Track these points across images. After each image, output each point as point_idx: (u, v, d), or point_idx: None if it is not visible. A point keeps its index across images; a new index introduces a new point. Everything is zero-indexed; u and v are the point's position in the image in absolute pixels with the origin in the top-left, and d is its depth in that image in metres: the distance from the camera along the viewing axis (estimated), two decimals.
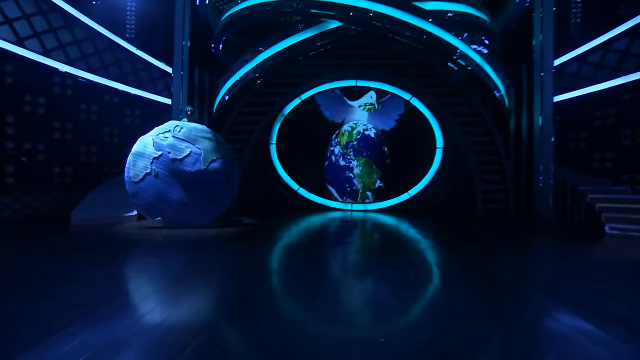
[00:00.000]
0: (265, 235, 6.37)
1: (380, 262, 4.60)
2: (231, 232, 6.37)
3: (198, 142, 6.67)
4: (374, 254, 5.33)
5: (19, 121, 8.99)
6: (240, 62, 9.36)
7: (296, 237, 6.61)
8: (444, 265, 4.42)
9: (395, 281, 3.58)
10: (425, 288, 3.48)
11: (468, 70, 8.69)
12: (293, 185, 10.38)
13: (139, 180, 6.39)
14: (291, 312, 2.83)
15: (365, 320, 2.64)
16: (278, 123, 10.32)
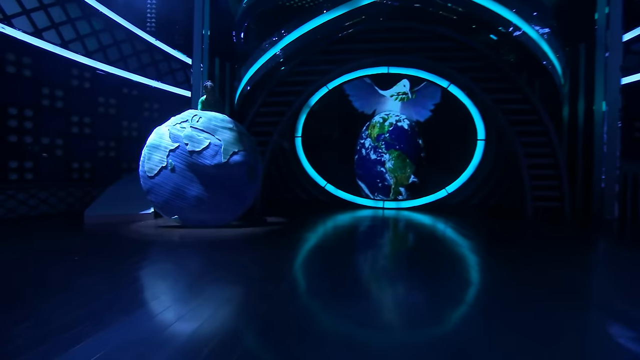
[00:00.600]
0: (291, 237, 5.67)
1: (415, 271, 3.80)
2: (254, 232, 5.71)
3: (218, 132, 6.04)
4: (408, 261, 4.49)
5: (37, 115, 8.67)
6: (262, 49, 8.69)
7: (324, 238, 5.89)
8: (489, 279, 3.58)
9: (438, 299, 2.79)
10: (466, 304, 2.67)
11: (520, 49, 7.67)
12: (320, 181, 9.66)
13: (155, 175, 5.82)
14: (329, 336, 2.09)
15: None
16: (304, 114, 9.61)
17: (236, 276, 3.45)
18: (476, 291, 3.12)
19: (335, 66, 9.09)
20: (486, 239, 5.79)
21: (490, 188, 9.12)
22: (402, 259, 4.45)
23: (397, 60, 9.15)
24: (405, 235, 6.30)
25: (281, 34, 8.55)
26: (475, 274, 3.67)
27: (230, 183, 5.97)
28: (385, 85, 9.71)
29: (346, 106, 9.70)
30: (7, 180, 8.23)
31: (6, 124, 8.17)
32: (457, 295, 2.91)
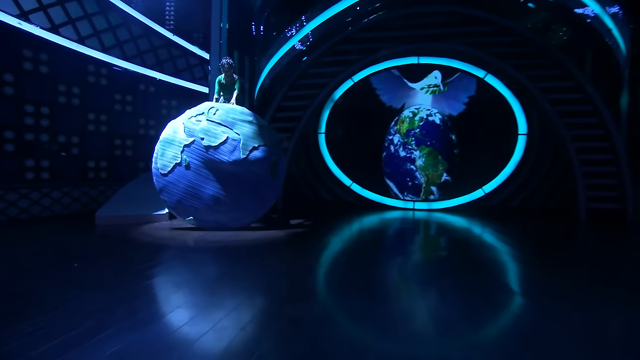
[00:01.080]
0: (315, 242, 5.06)
1: (452, 284, 3.09)
2: (276, 236, 5.12)
3: (237, 126, 5.50)
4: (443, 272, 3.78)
5: (53, 113, 8.41)
6: (282, 39, 8.13)
7: (350, 244, 5.24)
8: (537, 299, 2.85)
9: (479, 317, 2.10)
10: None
11: (578, 27, 6.78)
12: (345, 180, 9.01)
13: (168, 172, 5.33)
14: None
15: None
16: (327, 109, 8.99)
17: (258, 291, 2.87)
18: (521, 312, 2.42)
19: (362, 56, 8.43)
20: (531, 247, 5.01)
21: (534, 188, 8.25)
22: (436, 269, 3.75)
23: (428, 48, 8.41)
24: (438, 240, 5.58)
25: (302, 22, 7.96)
26: (519, 291, 2.96)
27: (250, 181, 5.42)
28: (415, 77, 9.00)
29: (373, 100, 9.04)
30: (23, 180, 7.98)
31: (23, 121, 7.94)
32: (499, 316, 2.24)
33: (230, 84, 5.99)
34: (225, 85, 5.99)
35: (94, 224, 5.89)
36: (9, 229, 5.61)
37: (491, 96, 8.40)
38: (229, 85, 5.99)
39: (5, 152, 7.69)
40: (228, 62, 6.03)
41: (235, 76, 6.08)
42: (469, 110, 8.76)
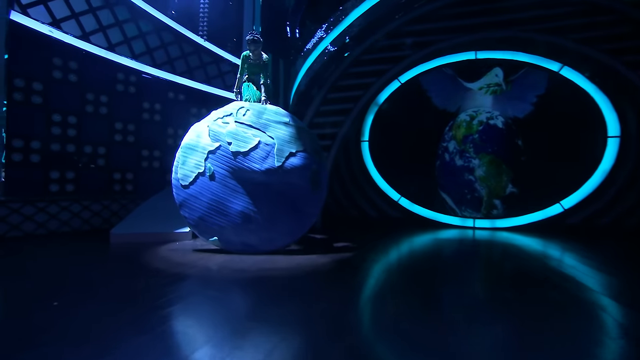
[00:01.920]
0: (362, 272, 3.99)
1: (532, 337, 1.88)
2: (317, 263, 4.09)
3: (270, 128, 4.60)
4: (518, 319, 2.55)
5: (80, 122, 7.97)
6: (319, 36, 7.24)
7: (403, 275, 4.06)
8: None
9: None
10: None
11: None
12: (392, 194, 7.88)
13: (189, 184, 4.49)
14: None
15: None
16: (371, 114, 7.96)
17: (300, 350, 1.84)
18: None
19: (412, 51, 7.37)
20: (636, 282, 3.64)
21: (633, 202, 6.71)
22: (509, 313, 2.53)
23: (489, 39, 7.21)
24: (504, 270, 4.30)
25: (341, 16, 7.03)
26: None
27: (286, 194, 4.46)
28: (472, 76, 7.80)
29: (423, 103, 7.91)
30: (48, 192, 7.52)
31: (50, 131, 7.53)
32: None
33: (258, 66, 5.15)
34: (253, 66, 5.15)
35: (106, 243, 5.15)
36: (19, 246, 4.95)
37: (568, 93, 7.05)
38: (258, 67, 5.15)
39: (31, 163, 7.28)
40: (254, 37, 5.03)
41: (265, 55, 5.18)
42: (539, 110, 7.42)
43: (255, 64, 5.13)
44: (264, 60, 5.16)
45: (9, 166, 6.89)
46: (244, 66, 5.22)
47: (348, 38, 7.22)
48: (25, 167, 7.13)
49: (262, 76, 5.16)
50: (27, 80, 7.23)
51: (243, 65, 5.23)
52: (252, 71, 5.16)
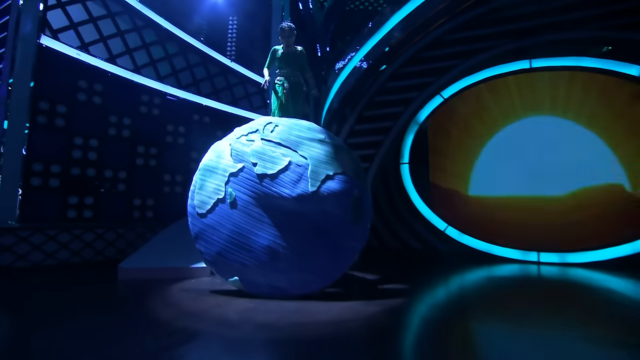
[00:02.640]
0: (422, 328, 3.05)
1: None
2: (362, 314, 3.20)
3: (303, 146, 3.87)
4: None
5: (101, 145, 7.62)
6: (354, 46, 6.59)
7: (467, 330, 3.09)
8: None
9: None
10: None
11: None
12: (438, 222, 6.91)
13: (207, 212, 3.78)
14: None
15: None
16: (411, 134, 7.15)
17: None
18: None
19: (454, 62, 6.58)
20: None
21: None
22: None
23: (549, 42, 6.31)
24: (591, 330, 3.21)
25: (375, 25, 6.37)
26: None
27: (323, 226, 3.66)
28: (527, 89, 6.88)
29: (471, 118, 7.04)
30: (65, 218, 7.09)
31: (70, 155, 7.19)
32: None
33: (293, 56, 4.59)
34: (287, 57, 4.59)
35: (113, 279, 4.48)
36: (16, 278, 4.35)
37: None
38: (292, 57, 4.59)
39: (50, 187, 6.91)
40: (290, 25, 4.59)
41: (300, 48, 4.64)
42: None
43: (288, 52, 4.59)
44: (299, 50, 4.61)
45: (26, 190, 6.53)
46: (273, 61, 4.68)
47: (384, 52, 6.54)
48: (43, 191, 6.76)
49: (300, 71, 4.65)
50: (52, 103, 6.98)
51: (272, 59, 4.67)
52: (287, 62, 4.61)
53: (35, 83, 6.76)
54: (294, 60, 4.60)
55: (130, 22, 8.56)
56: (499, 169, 6.71)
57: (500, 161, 6.74)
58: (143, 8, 8.72)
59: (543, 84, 6.45)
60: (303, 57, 4.68)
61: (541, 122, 6.47)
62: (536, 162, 6.42)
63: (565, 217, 6.02)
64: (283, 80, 4.58)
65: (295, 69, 4.62)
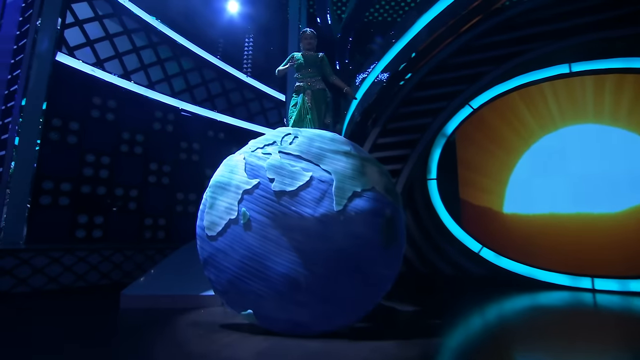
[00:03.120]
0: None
1: None
2: (393, 357, 2.64)
3: (326, 160, 3.42)
4: None
5: (113, 163, 7.39)
6: (376, 55, 6.18)
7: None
8: None
9: None
10: None
11: None
12: (471, 243, 6.29)
13: (218, 234, 3.34)
14: None
15: None
16: (438, 147, 6.63)
17: None
18: None
19: (484, 68, 6.09)
20: None
21: None
22: None
23: (594, 42, 5.74)
24: None
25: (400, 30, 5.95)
26: None
27: (350, 250, 3.16)
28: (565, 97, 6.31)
29: (504, 128, 6.49)
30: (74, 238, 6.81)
31: (82, 172, 6.97)
32: None
33: (313, 59, 4.25)
34: (307, 60, 4.25)
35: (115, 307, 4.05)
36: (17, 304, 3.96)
37: None
38: (312, 61, 4.25)
39: (59, 206, 6.67)
40: (311, 30, 4.39)
41: (321, 53, 4.32)
42: None
43: (308, 56, 4.26)
44: (319, 55, 4.28)
45: (35, 209, 6.28)
46: (288, 63, 4.37)
47: (408, 59, 6.10)
48: (53, 210, 6.51)
49: (321, 76, 4.31)
50: (65, 119, 6.81)
51: (287, 62, 4.38)
52: (307, 65, 4.25)
53: (49, 100, 6.62)
54: (314, 64, 4.23)
55: (145, 38, 8.46)
56: (537, 184, 6.09)
57: (538, 175, 6.13)
58: (159, 25, 8.63)
59: (585, 89, 5.88)
60: (324, 61, 4.31)
61: (584, 131, 5.87)
62: (581, 175, 5.78)
63: (625, 237, 5.31)
64: (303, 86, 4.19)
65: (316, 73, 4.23)
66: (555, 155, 5.97)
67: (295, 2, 9.42)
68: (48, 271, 5.11)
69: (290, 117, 4.26)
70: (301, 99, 4.21)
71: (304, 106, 4.18)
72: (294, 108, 4.26)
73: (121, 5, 8.18)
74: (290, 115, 4.27)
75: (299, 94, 4.27)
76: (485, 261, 6.11)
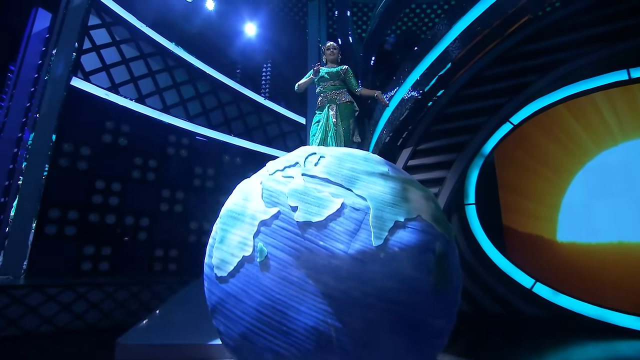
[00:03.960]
0: None
1: None
2: None
3: (360, 183, 2.82)
4: None
5: (124, 189, 7.00)
6: (403, 69, 5.66)
7: None
8: None
9: None
10: None
11: None
12: (521, 278, 5.45)
13: (229, 275, 2.74)
14: None
15: None
16: (476, 169, 5.95)
17: None
18: None
19: (535, 76, 5.45)
20: None
21: None
22: None
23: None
24: None
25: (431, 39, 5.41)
26: None
27: (393, 297, 2.48)
28: None
29: (550, 146, 5.77)
30: (79, 271, 6.34)
31: (90, 199, 6.59)
32: None
33: (337, 71, 3.83)
34: (330, 72, 3.83)
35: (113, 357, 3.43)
36: None
37: None
38: (335, 72, 3.83)
39: (65, 236, 6.26)
40: (334, 45, 4.00)
41: (345, 66, 3.87)
42: None
43: (332, 69, 3.84)
44: (343, 68, 3.84)
45: (39, 240, 5.87)
46: (309, 78, 3.93)
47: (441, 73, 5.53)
48: (58, 241, 6.09)
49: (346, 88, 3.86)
50: (76, 144, 6.51)
51: (309, 75, 3.93)
52: (330, 77, 3.82)
53: (60, 125, 6.36)
54: (339, 76, 3.78)
55: (161, 62, 8.27)
56: (598, 208, 5.28)
57: (598, 197, 5.32)
58: (175, 48, 8.45)
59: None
60: (349, 73, 3.85)
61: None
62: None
63: None
64: (327, 100, 3.68)
65: (341, 86, 3.77)
66: (618, 174, 5.19)
67: (314, 23, 9.17)
68: (43, 310, 4.58)
69: (313, 135, 3.72)
70: (325, 114, 3.69)
71: (329, 122, 3.65)
72: (316, 125, 3.73)
73: (138, 31, 8.05)
74: (313, 134, 3.73)
75: (322, 109, 3.77)
76: (541, 299, 5.23)
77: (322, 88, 3.80)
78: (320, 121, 3.69)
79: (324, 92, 3.79)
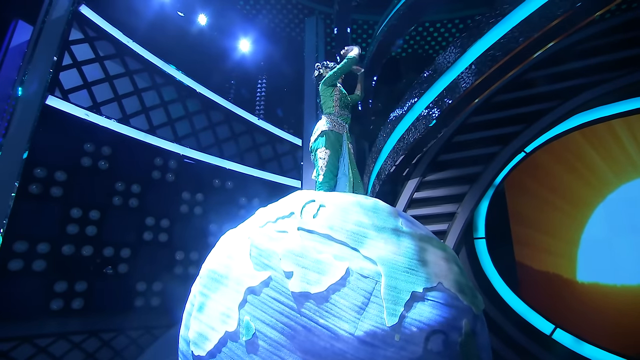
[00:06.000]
0: None
1: None
2: None
3: (368, 240, 2.33)
4: None
5: (103, 218, 6.43)
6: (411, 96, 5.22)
7: None
8: None
9: None
10: None
11: None
12: (539, 323, 4.92)
13: (208, 355, 2.20)
14: None
15: None
16: (486, 200, 5.48)
17: None
18: None
19: (552, 103, 5.04)
20: None
21: None
22: None
23: None
24: None
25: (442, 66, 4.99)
26: None
27: None
28: None
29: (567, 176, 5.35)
30: (49, 311, 5.70)
31: (64, 230, 6.01)
32: None
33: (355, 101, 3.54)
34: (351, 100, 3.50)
35: None
36: None
37: None
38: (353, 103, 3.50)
39: (33, 272, 5.65)
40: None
41: (339, 85, 3.42)
42: None
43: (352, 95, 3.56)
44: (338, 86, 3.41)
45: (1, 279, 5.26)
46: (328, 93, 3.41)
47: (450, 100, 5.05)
48: (24, 277, 5.48)
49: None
50: (50, 169, 5.94)
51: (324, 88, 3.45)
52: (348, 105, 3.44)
53: (32, 148, 5.80)
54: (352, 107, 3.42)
55: (149, 79, 7.79)
56: (622, 245, 4.84)
57: (621, 234, 4.89)
58: (164, 65, 7.99)
59: None
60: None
61: None
62: None
63: None
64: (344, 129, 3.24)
65: (350, 118, 3.35)
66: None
67: (311, 39, 8.80)
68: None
69: (320, 167, 3.10)
70: (344, 145, 3.17)
71: (349, 157, 3.13)
72: (325, 154, 3.10)
73: (124, 46, 7.57)
74: (320, 165, 3.10)
75: (338, 137, 3.19)
76: (562, 347, 4.71)
77: (340, 110, 3.27)
78: (327, 150, 3.08)
79: (342, 120, 3.27)
